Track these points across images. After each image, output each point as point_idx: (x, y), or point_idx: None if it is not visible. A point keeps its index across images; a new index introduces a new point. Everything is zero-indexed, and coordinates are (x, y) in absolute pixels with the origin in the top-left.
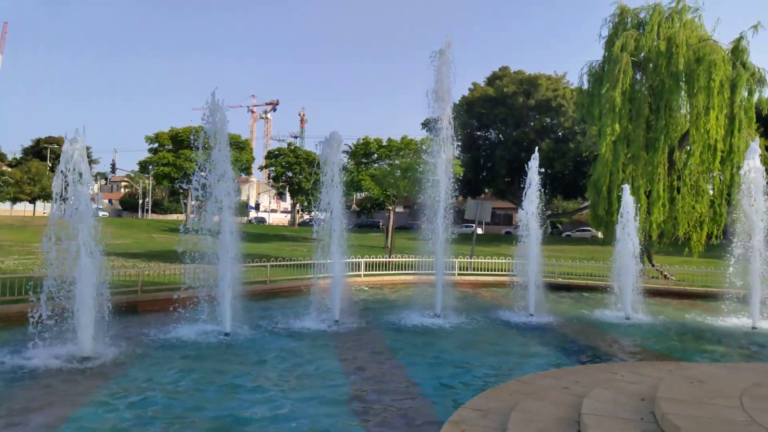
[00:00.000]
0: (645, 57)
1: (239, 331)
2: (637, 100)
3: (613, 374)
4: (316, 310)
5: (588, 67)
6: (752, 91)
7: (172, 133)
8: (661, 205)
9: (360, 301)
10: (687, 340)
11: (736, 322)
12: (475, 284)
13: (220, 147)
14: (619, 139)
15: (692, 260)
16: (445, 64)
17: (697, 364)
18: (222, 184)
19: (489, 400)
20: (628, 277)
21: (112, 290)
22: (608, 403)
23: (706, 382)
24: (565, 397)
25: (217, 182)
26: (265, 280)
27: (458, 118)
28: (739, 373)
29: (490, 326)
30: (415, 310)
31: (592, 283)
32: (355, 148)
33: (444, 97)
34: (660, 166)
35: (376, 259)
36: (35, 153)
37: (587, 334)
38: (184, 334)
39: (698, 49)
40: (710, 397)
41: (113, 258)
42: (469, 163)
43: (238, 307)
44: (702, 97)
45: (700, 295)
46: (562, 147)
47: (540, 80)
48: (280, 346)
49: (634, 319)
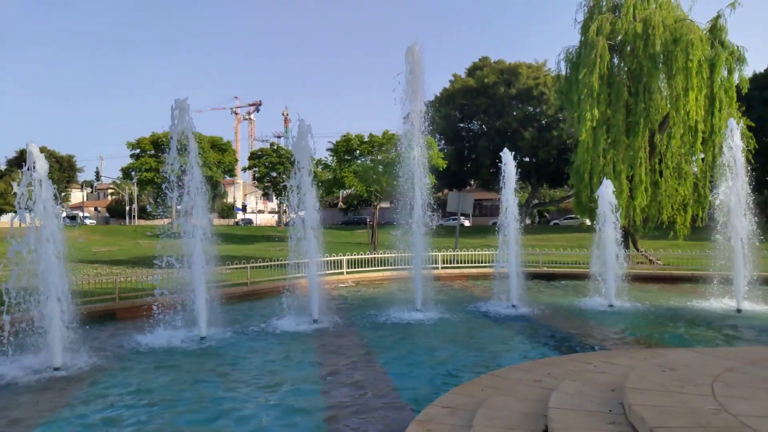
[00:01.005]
0: (622, 40)
1: (216, 335)
2: (616, 85)
3: (587, 364)
4: (294, 311)
5: (565, 53)
6: (732, 70)
7: (153, 138)
8: (644, 190)
9: (342, 298)
10: (670, 325)
11: (721, 305)
12: (459, 277)
13: (189, 150)
14: (598, 124)
15: (679, 243)
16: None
17: (672, 351)
18: (192, 187)
19: (459, 396)
20: (610, 264)
21: (90, 298)
22: (576, 396)
23: (678, 369)
24: (535, 390)
25: (188, 185)
26: (246, 282)
27: (440, 110)
28: (713, 359)
29: (470, 319)
30: (396, 306)
31: (578, 271)
32: (336, 145)
33: (416, 92)
34: (641, 150)
35: (359, 256)
36: (19, 164)
37: (569, 323)
38: (159, 341)
39: (675, 30)
40: (681, 385)
41: (97, 266)
42: (453, 155)
43: (217, 311)
44: (680, 78)
45: (685, 278)
46: (545, 135)
47: (520, 69)
48: (256, 348)
49: (618, 306)
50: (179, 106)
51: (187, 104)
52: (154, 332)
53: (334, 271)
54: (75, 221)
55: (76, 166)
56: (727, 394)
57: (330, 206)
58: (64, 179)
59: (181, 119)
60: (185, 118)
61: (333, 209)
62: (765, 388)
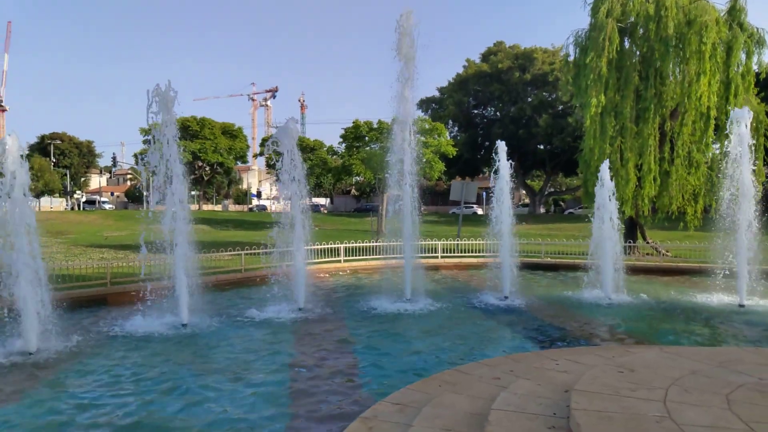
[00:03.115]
0: (633, 22)
1: (198, 322)
2: (626, 69)
3: (553, 361)
4: (282, 299)
5: (574, 37)
6: (750, 54)
7: None
8: (653, 179)
9: (334, 287)
10: (667, 320)
11: (723, 300)
12: (459, 266)
13: (170, 134)
14: (606, 111)
15: (693, 234)
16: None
17: (644, 349)
18: (175, 172)
19: (413, 392)
20: (608, 255)
21: (83, 283)
22: (525, 396)
23: (638, 370)
24: (491, 389)
25: (168, 172)
26: (241, 269)
27: (452, 96)
28: (681, 359)
29: (460, 310)
30: (387, 296)
31: (581, 262)
32: (346, 132)
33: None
34: (651, 138)
35: (357, 244)
36: (41, 150)
37: (560, 316)
38: (141, 327)
39: (689, 11)
40: (634, 388)
41: (104, 250)
42: (467, 142)
43: (204, 298)
44: (694, 63)
45: (692, 271)
46: (560, 122)
47: (536, 54)
48: (235, 335)
49: (616, 299)
50: (158, 93)
51: (171, 91)
52: (137, 318)
53: (332, 259)
54: (93, 206)
55: (95, 152)
56: (679, 400)
57: (343, 193)
58: (83, 165)
59: (163, 107)
60: (168, 106)
61: (346, 196)
62: (723, 394)
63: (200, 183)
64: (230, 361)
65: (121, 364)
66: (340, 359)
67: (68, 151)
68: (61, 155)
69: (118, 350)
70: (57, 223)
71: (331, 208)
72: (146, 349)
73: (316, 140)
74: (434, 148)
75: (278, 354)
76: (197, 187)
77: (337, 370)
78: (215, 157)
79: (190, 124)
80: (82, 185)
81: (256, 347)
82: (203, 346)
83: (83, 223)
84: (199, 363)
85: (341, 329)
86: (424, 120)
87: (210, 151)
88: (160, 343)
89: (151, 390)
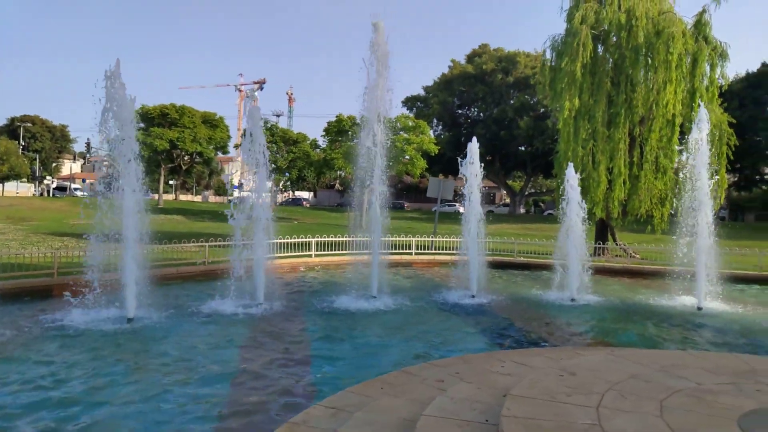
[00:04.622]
0: (606, 30)
1: (146, 317)
2: (599, 74)
3: (500, 363)
4: (243, 293)
5: (551, 41)
6: (714, 66)
7: (141, 110)
8: (623, 182)
9: (301, 282)
10: (626, 321)
11: (683, 302)
12: (432, 263)
13: (124, 120)
14: (580, 114)
15: (663, 238)
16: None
17: (591, 351)
18: (125, 159)
19: (353, 395)
20: (574, 257)
21: (27, 273)
22: (461, 401)
23: (579, 374)
24: (431, 392)
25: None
26: (204, 261)
27: (437, 95)
28: (623, 362)
29: (425, 308)
30: (353, 292)
31: (551, 262)
32: (329, 126)
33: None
34: (621, 142)
35: (329, 238)
36: (10, 132)
37: (525, 316)
38: (82, 320)
39: (658, 22)
40: (570, 393)
41: (67, 239)
42: (450, 141)
43: (159, 290)
44: (661, 72)
45: (657, 273)
46: (540, 125)
47: (519, 57)
48: (184, 331)
49: (580, 300)
50: (109, 76)
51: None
52: (80, 311)
53: (302, 254)
54: (64, 192)
55: (69, 137)
56: (613, 406)
57: (327, 187)
58: (55, 149)
59: (113, 89)
60: (117, 86)
61: (330, 190)
62: (659, 400)
63: (178, 172)
64: (173, 358)
65: (47, 362)
66: (291, 358)
67: (40, 135)
68: (31, 138)
69: (49, 345)
70: (20, 209)
71: (314, 201)
72: (80, 345)
73: (300, 133)
74: (417, 146)
75: (225, 351)
76: (175, 176)
77: (286, 370)
78: (194, 147)
79: (168, 112)
80: (53, 171)
81: (202, 344)
82: (144, 343)
83: (49, 210)
84: (135, 361)
85: (298, 326)
86: (407, 117)
87: (189, 140)
88: (98, 338)
89: (79, 388)
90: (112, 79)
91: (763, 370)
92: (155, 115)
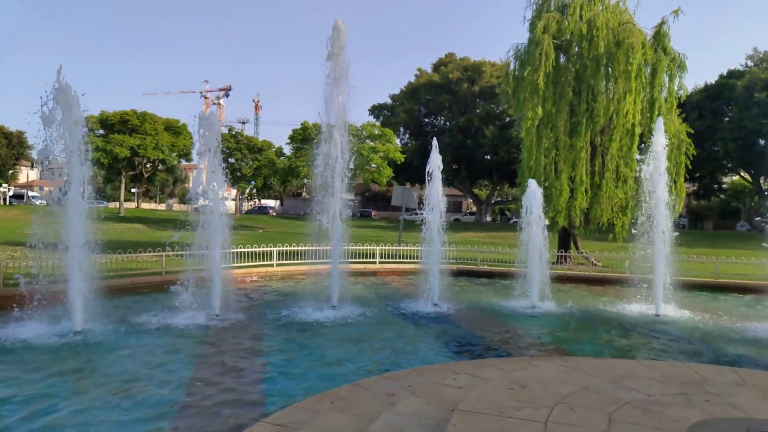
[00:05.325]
0: (568, 40)
1: (95, 329)
2: (561, 84)
3: (454, 375)
4: (200, 305)
5: (514, 50)
6: (673, 77)
7: (102, 117)
8: (584, 191)
9: (260, 292)
10: (586, 330)
11: (642, 310)
12: (396, 272)
13: (68, 125)
14: (543, 123)
15: (626, 246)
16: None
17: (544, 362)
18: (72, 164)
19: (301, 410)
20: (535, 265)
21: None
22: (409, 416)
23: (530, 387)
24: (381, 407)
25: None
26: (161, 271)
27: (404, 104)
28: (575, 374)
29: (386, 318)
30: (313, 303)
31: (515, 270)
32: (294, 133)
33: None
34: (583, 151)
35: (291, 247)
36: None
37: (485, 324)
38: (26, 334)
39: (618, 33)
40: (518, 407)
41: (18, 248)
42: (417, 150)
43: (112, 302)
44: (621, 82)
45: (618, 281)
46: (506, 134)
47: (484, 67)
48: (134, 345)
49: (540, 308)
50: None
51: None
52: (26, 325)
53: (263, 263)
54: (21, 200)
55: (26, 143)
56: (561, 420)
57: (294, 195)
58: (12, 156)
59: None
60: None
61: (296, 199)
62: (607, 413)
63: (140, 180)
64: (119, 374)
65: None
66: (245, 372)
67: None
68: None
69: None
70: None
71: (281, 210)
72: (24, 359)
73: (265, 140)
74: (383, 154)
75: (177, 365)
76: (137, 184)
77: (240, 385)
78: (156, 154)
79: (129, 118)
80: (10, 178)
81: (153, 358)
82: (91, 357)
83: (3, 219)
84: (78, 378)
85: (254, 338)
86: (373, 126)
87: (150, 147)
88: (43, 353)
89: (11, 405)
90: (57, 87)
91: (712, 379)
92: (115, 121)
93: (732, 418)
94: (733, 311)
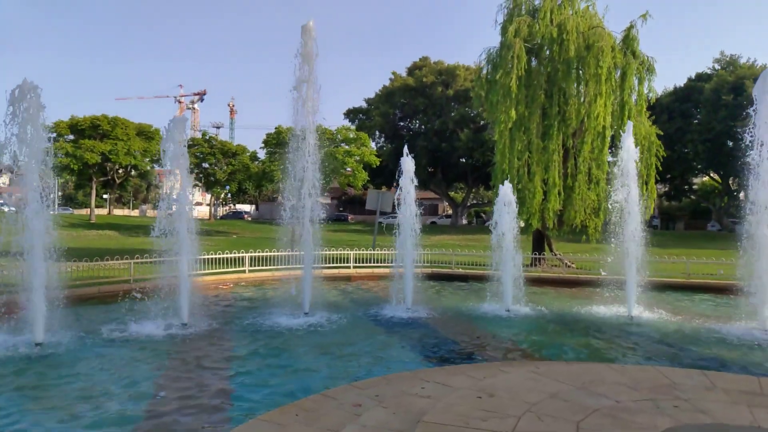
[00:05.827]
0: (539, 44)
1: (57, 341)
2: (533, 87)
3: (422, 383)
4: (168, 313)
5: (487, 54)
6: (642, 80)
7: (72, 122)
8: (557, 193)
9: (232, 299)
10: (559, 333)
11: (615, 312)
12: (371, 277)
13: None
14: (516, 126)
15: (600, 247)
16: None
17: (514, 368)
18: (32, 171)
19: (265, 423)
20: (508, 268)
21: None
22: (373, 429)
23: (497, 395)
24: (346, 418)
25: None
26: (129, 279)
27: (379, 108)
28: (543, 380)
29: (359, 324)
30: (285, 309)
31: (488, 273)
32: (268, 138)
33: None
34: (555, 154)
35: (263, 253)
36: None
37: (459, 329)
38: None
39: (588, 37)
40: (485, 417)
41: None
42: (392, 154)
43: (76, 311)
44: (592, 85)
45: (592, 282)
46: (480, 137)
47: (458, 71)
48: (97, 356)
49: (514, 311)
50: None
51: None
52: None
53: (236, 269)
54: None
55: None
56: (528, 430)
57: (269, 200)
58: None
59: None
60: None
61: (272, 203)
62: (575, 422)
63: (112, 186)
64: (79, 387)
65: None
66: (212, 383)
67: None
68: None
69: None
70: None
71: (256, 215)
72: None
73: (239, 145)
74: (358, 158)
75: (141, 377)
76: (108, 190)
77: (207, 397)
78: (128, 160)
79: (100, 123)
80: None
81: (117, 370)
82: (52, 370)
83: None
84: (36, 392)
85: (223, 347)
86: (348, 129)
87: (122, 153)
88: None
89: None
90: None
91: (681, 383)
92: (85, 126)
93: (701, 425)
94: (704, 312)
